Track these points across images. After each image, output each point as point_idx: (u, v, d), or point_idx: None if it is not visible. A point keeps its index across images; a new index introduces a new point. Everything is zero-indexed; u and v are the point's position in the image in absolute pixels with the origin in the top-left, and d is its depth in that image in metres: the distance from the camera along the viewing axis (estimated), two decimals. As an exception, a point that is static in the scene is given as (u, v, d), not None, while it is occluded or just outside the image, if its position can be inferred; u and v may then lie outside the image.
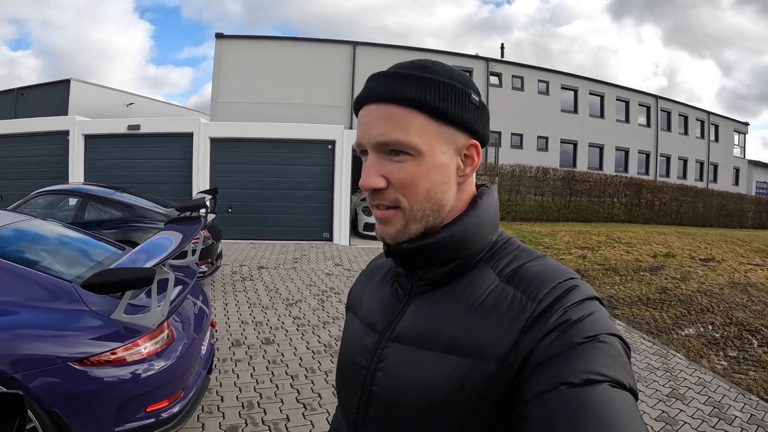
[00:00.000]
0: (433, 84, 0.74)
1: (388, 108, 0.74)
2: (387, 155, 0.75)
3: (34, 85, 25.12)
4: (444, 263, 0.78)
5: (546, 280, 0.72)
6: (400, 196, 0.75)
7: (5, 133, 12.55)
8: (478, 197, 0.81)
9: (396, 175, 0.74)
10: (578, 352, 0.62)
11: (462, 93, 0.75)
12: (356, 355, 0.84)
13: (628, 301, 7.23)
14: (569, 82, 26.45)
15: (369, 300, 0.90)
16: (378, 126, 0.74)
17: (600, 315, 0.68)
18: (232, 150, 11.85)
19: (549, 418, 0.58)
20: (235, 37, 22.50)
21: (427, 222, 0.77)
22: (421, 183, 0.74)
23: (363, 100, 0.78)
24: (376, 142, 0.75)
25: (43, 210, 6.79)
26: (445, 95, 0.74)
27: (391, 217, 0.77)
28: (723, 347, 5.47)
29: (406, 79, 0.74)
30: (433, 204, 0.76)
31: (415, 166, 0.74)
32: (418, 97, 0.73)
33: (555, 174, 19.39)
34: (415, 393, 0.72)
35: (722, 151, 32.46)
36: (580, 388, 0.58)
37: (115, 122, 12.38)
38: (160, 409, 2.64)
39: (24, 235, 3.34)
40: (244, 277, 7.87)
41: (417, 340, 0.75)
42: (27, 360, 2.38)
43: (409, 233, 0.77)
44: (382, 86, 0.75)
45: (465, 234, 0.77)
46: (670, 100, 29.98)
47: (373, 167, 0.75)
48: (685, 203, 22.44)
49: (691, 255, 11.31)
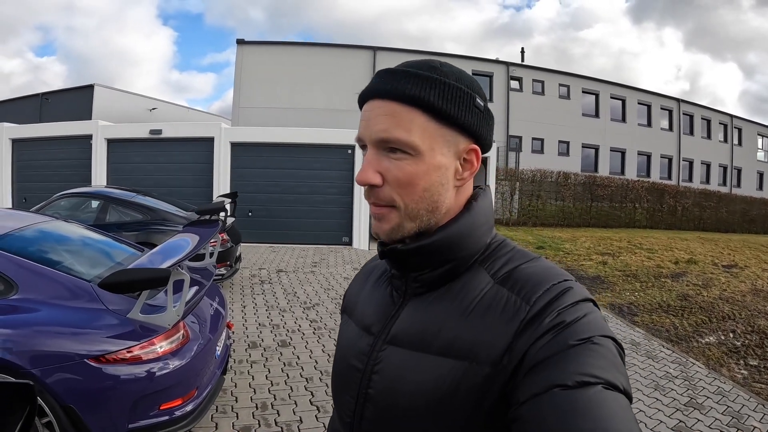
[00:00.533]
0: (439, 84, 0.73)
1: (392, 105, 0.73)
2: (386, 152, 0.74)
3: (59, 90, 25.74)
4: (438, 265, 0.78)
5: (540, 282, 0.71)
6: (396, 195, 0.75)
7: (30, 136, 12.84)
8: (473, 199, 0.81)
9: (393, 173, 0.74)
10: (572, 354, 0.62)
11: (467, 96, 0.75)
12: (352, 359, 0.83)
13: (648, 308, 7.11)
14: (590, 85, 26.20)
15: (364, 303, 0.90)
16: (380, 122, 0.74)
17: (594, 317, 0.68)
18: (252, 154, 11.97)
19: (542, 420, 0.58)
20: (256, 43, 22.78)
21: (421, 222, 0.76)
22: (418, 183, 0.74)
23: (367, 94, 0.77)
24: (377, 138, 0.74)
25: (65, 212, 6.94)
26: (450, 97, 0.73)
27: (385, 214, 0.77)
28: (744, 356, 5.35)
29: (412, 77, 0.73)
30: (428, 204, 0.75)
31: (414, 165, 0.73)
32: (422, 96, 0.72)
33: (576, 179, 19.22)
34: (410, 395, 0.72)
35: (746, 155, 31.83)
36: (574, 390, 0.58)
37: (138, 127, 12.59)
38: (173, 407, 2.68)
39: (45, 236, 3.42)
40: (262, 280, 7.92)
41: (412, 343, 0.75)
42: (45, 356, 2.44)
43: (402, 232, 0.77)
44: (387, 82, 0.74)
45: (460, 236, 0.77)
46: (692, 103, 29.53)
47: (371, 163, 0.75)
48: (708, 208, 22.05)
49: (713, 261, 11.11)
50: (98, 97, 23.31)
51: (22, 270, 2.74)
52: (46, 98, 24.76)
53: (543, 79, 25.17)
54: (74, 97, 23.75)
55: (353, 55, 22.63)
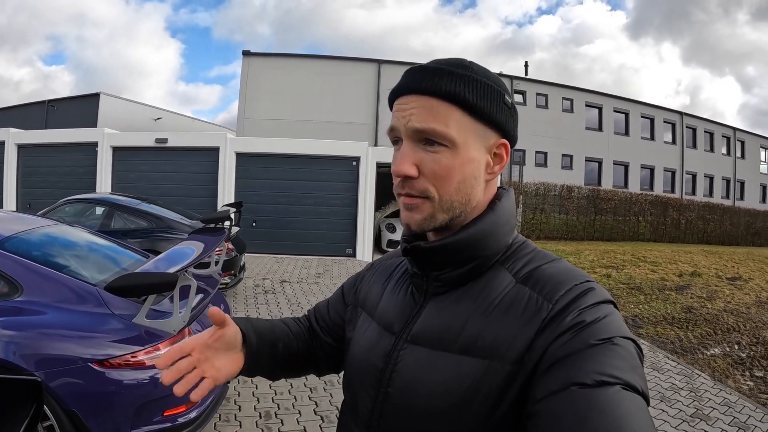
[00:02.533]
0: (472, 81, 0.75)
1: (428, 99, 0.75)
2: (422, 145, 0.76)
3: (65, 98, 25.84)
4: (461, 264, 0.78)
5: (562, 281, 0.72)
6: (431, 187, 0.76)
7: (36, 142, 12.93)
8: (497, 199, 0.82)
9: (429, 165, 0.75)
10: (592, 353, 0.62)
11: (497, 93, 0.77)
12: (373, 358, 0.83)
13: (653, 320, 7.08)
14: (594, 99, 26.25)
15: (386, 302, 0.90)
16: (417, 114, 0.75)
17: (615, 318, 0.68)
18: (257, 165, 12.03)
19: (559, 417, 0.58)
20: (262, 55, 22.87)
21: (453, 214, 0.77)
22: (453, 175, 0.75)
23: (401, 90, 0.78)
24: (414, 128, 0.75)
25: (70, 218, 6.93)
26: (482, 93, 0.75)
27: (419, 204, 0.77)
28: (749, 367, 5.33)
29: (447, 74, 0.75)
30: (462, 197, 0.77)
31: (450, 157, 0.75)
32: (458, 92, 0.74)
33: (580, 192, 19.24)
34: (430, 394, 0.72)
35: (749, 168, 31.76)
36: (592, 389, 0.58)
37: (143, 135, 12.67)
38: (177, 414, 2.66)
39: (51, 239, 3.42)
40: (266, 290, 7.91)
41: (433, 342, 0.76)
42: (48, 359, 2.43)
43: (434, 222, 0.77)
44: (423, 78, 0.76)
45: (483, 235, 0.78)
46: (695, 116, 29.54)
47: (407, 155, 0.76)
48: (712, 221, 22.02)
49: (717, 274, 11.08)
50: (104, 106, 23.43)
51: (27, 272, 2.73)
52: (52, 105, 24.90)
53: (546, 93, 25.22)
54: (80, 105, 23.87)
55: (358, 68, 22.72)
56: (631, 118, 27.02)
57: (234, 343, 0.86)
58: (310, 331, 1.07)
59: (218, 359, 0.83)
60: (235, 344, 0.86)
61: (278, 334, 0.97)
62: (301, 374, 1.06)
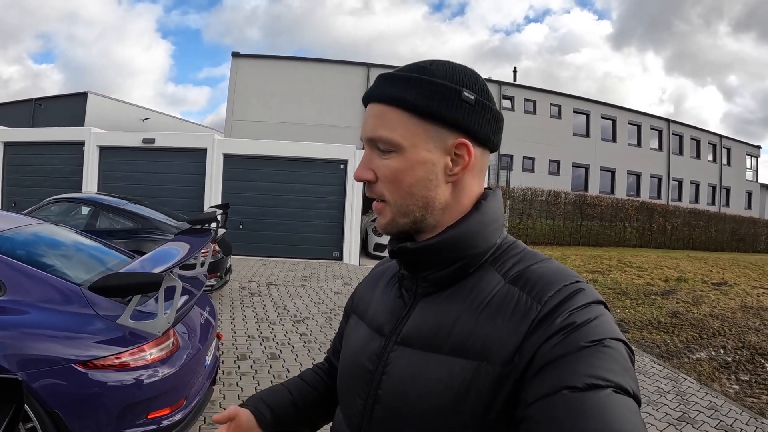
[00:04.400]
0: (421, 83, 0.75)
1: (379, 107, 0.78)
2: (378, 151, 0.78)
3: (52, 96, 25.61)
4: (447, 264, 0.78)
5: (552, 282, 0.71)
6: (385, 191, 0.79)
7: (22, 140, 12.80)
8: (483, 199, 0.81)
9: (381, 171, 0.78)
10: (583, 355, 0.62)
11: (451, 91, 0.75)
12: (364, 360, 0.83)
13: (639, 324, 7.13)
14: (581, 105, 26.48)
15: (376, 304, 0.90)
16: (369, 123, 0.79)
17: (605, 319, 0.68)
18: (244, 167, 11.98)
19: (550, 421, 0.58)
20: (251, 57, 22.82)
21: (414, 217, 0.78)
22: (403, 179, 0.76)
23: (363, 100, 0.83)
24: (366, 137, 0.80)
25: (55, 217, 6.84)
26: (430, 94, 0.74)
27: (381, 209, 0.81)
28: (735, 371, 5.39)
29: (395, 79, 0.77)
30: (417, 200, 0.77)
31: (398, 162, 0.76)
32: (401, 96, 0.75)
33: (566, 198, 19.39)
34: (420, 396, 0.72)
35: (735, 175, 32.22)
36: (583, 392, 0.58)
37: (131, 135, 12.57)
38: (161, 417, 2.62)
39: (36, 238, 3.36)
40: (252, 293, 7.87)
41: (423, 343, 0.75)
42: (31, 359, 2.39)
43: (397, 226, 0.80)
44: (376, 87, 0.80)
45: (468, 234, 0.77)
46: (681, 123, 29.90)
47: (365, 161, 0.80)
48: (698, 227, 22.29)
49: (703, 279, 11.21)
50: (91, 105, 23.24)
51: (10, 271, 2.68)
52: (39, 104, 24.65)
53: (534, 99, 25.41)
54: (67, 104, 23.66)
55: (347, 71, 22.76)
56: (619, 125, 27.29)
57: (251, 426, 0.94)
58: (329, 372, 1.09)
59: None
60: (252, 427, 0.94)
61: (295, 395, 1.02)
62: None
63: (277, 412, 0.97)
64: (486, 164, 0.83)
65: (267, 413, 0.96)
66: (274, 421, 0.96)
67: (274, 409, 0.97)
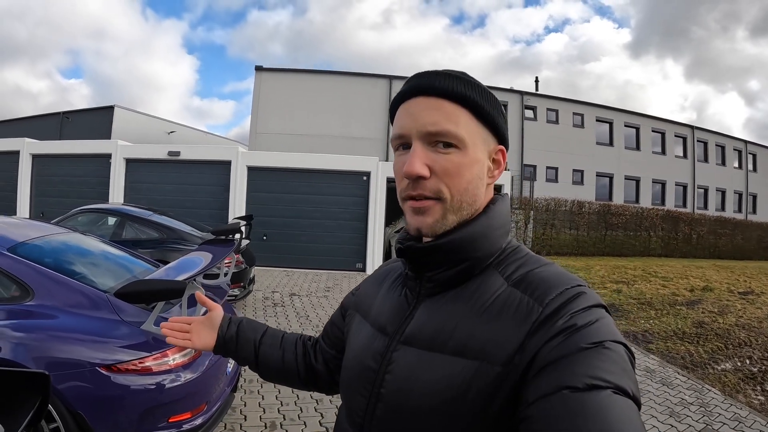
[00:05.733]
0: (478, 87, 0.79)
1: (439, 101, 0.77)
2: (433, 146, 0.77)
3: (79, 110, 26.26)
4: (453, 264, 0.79)
5: (553, 285, 0.73)
6: (443, 186, 0.77)
7: (50, 153, 13.14)
8: (492, 203, 0.84)
9: (442, 165, 0.77)
10: (583, 357, 0.63)
11: (497, 101, 0.82)
12: (367, 359, 0.85)
13: (663, 335, 6.99)
14: (604, 114, 26.18)
15: (380, 303, 0.92)
16: (429, 116, 0.77)
17: (606, 322, 0.69)
18: (268, 179, 12.12)
19: (550, 420, 0.59)
20: (274, 70, 23.08)
21: (462, 215, 0.79)
22: (464, 174, 0.78)
23: (410, 92, 0.80)
24: (426, 131, 0.77)
25: (83, 227, 6.99)
26: (487, 99, 0.79)
27: (429, 206, 0.78)
28: (761, 381, 5.24)
29: (455, 78, 0.78)
30: (470, 197, 0.79)
31: (461, 157, 0.77)
32: (469, 94, 0.78)
33: (590, 207, 19.10)
34: (422, 395, 0.73)
35: (761, 181, 31.39)
36: (583, 392, 0.59)
37: (156, 148, 12.83)
38: (182, 421, 2.67)
39: (64, 246, 3.48)
40: (275, 303, 7.93)
41: (426, 343, 0.77)
42: (57, 362, 2.47)
43: (446, 224, 0.79)
44: (434, 80, 0.78)
45: (475, 236, 0.79)
46: (706, 130, 29.33)
47: (420, 156, 0.77)
48: (724, 236, 21.71)
49: (729, 288, 10.92)
50: (118, 118, 23.76)
51: (39, 277, 2.78)
52: (66, 117, 25.27)
53: (557, 108, 25.22)
54: (94, 117, 24.24)
55: (369, 84, 22.85)
56: (642, 133, 26.90)
57: (215, 325, 1.10)
58: (314, 345, 1.14)
59: (203, 331, 1.10)
60: (214, 326, 1.10)
61: (265, 342, 1.12)
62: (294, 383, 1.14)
63: (239, 335, 1.10)
64: None
65: (232, 329, 1.10)
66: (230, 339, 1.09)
67: (240, 332, 1.10)
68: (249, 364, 1.11)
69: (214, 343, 1.09)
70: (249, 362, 1.11)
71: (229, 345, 1.09)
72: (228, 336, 1.09)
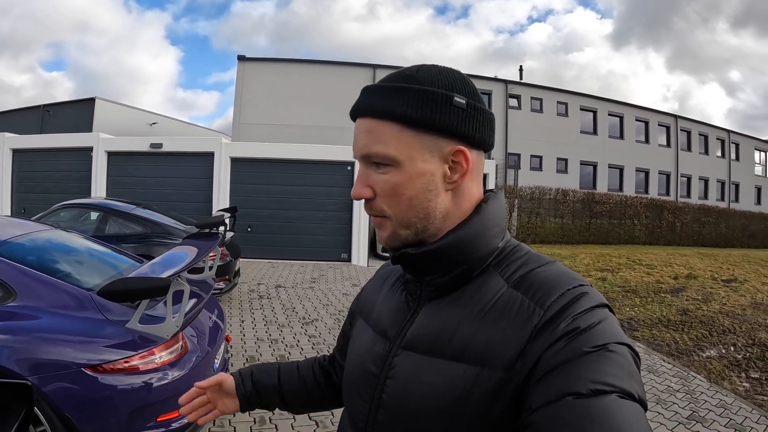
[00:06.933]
0: (408, 92, 0.73)
1: (367, 121, 0.77)
2: (373, 167, 0.77)
3: (60, 103, 25.74)
4: (450, 269, 0.77)
5: (554, 286, 0.71)
6: (385, 206, 0.77)
7: (31, 147, 12.88)
8: (483, 202, 0.80)
9: (380, 186, 0.77)
10: (586, 361, 0.61)
11: (442, 98, 0.73)
12: (368, 363, 0.83)
13: (648, 323, 7.10)
14: (588, 103, 26.37)
15: (381, 307, 0.90)
16: (361, 139, 0.77)
17: (609, 323, 0.67)
18: (252, 170, 12.03)
19: (554, 428, 0.57)
20: (257, 60, 22.88)
21: (416, 229, 0.77)
22: (403, 192, 0.75)
23: (352, 114, 0.81)
24: (360, 155, 0.78)
25: (65, 222, 6.91)
26: (420, 103, 0.73)
27: (381, 223, 0.80)
28: (745, 368, 5.34)
29: (383, 91, 0.76)
30: (417, 212, 0.76)
31: (397, 176, 0.75)
32: (391, 108, 0.74)
33: (575, 196, 19.30)
34: (423, 400, 0.72)
35: (744, 170, 31.96)
36: (588, 398, 0.57)
37: (138, 140, 12.65)
38: (170, 419, 2.64)
39: (46, 244, 3.40)
40: (261, 295, 7.89)
41: (426, 348, 0.75)
42: (42, 364, 2.42)
43: (399, 239, 0.79)
44: (363, 100, 0.78)
45: (469, 239, 0.77)
46: (689, 119, 29.72)
47: (361, 178, 0.79)
48: (707, 224, 22.10)
49: (713, 276, 11.12)
50: (99, 111, 23.35)
51: (21, 277, 2.72)
52: (47, 110, 24.79)
53: (541, 97, 25.34)
54: (75, 110, 23.79)
55: (353, 73, 22.76)
56: (626, 122, 27.16)
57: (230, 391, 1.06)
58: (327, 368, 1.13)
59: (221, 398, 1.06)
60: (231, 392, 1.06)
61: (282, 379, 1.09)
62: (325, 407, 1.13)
63: (258, 388, 1.06)
64: (482, 165, 0.82)
65: (248, 386, 1.06)
66: (251, 394, 1.05)
67: (256, 384, 1.06)
68: (277, 407, 1.10)
69: (238, 405, 1.07)
70: (277, 406, 1.10)
71: (252, 400, 1.06)
72: (248, 393, 1.06)
